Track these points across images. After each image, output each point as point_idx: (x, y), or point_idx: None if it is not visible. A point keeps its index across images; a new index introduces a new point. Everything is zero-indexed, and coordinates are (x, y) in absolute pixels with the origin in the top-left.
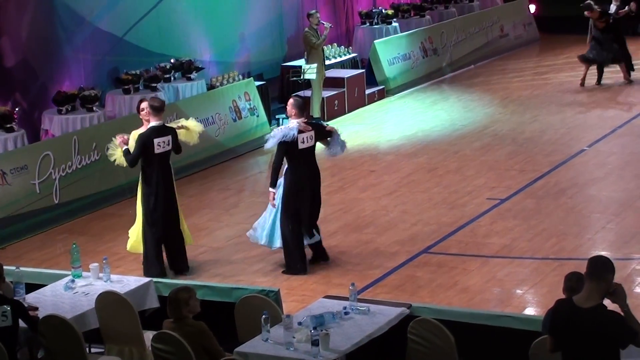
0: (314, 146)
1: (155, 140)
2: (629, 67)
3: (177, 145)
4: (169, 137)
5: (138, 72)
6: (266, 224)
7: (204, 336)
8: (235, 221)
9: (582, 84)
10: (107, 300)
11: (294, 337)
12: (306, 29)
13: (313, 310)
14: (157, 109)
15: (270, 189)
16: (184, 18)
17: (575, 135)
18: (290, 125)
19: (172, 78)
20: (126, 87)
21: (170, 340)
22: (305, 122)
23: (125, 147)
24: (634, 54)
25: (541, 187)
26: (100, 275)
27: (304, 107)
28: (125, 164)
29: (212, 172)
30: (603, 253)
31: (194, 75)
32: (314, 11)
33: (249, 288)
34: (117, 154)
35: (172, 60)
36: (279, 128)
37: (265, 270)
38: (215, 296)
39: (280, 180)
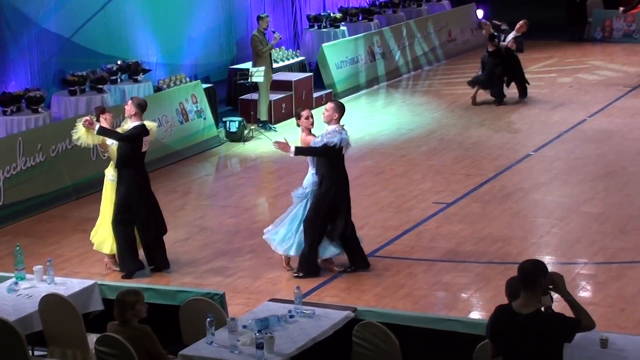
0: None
1: (144, 138)
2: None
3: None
4: (149, 137)
5: (84, 73)
6: (288, 233)
7: (147, 339)
8: (182, 223)
9: (473, 103)
10: (50, 302)
11: (238, 340)
12: (255, 32)
13: (258, 314)
14: (144, 107)
15: (293, 150)
16: (131, 20)
17: (521, 140)
18: (338, 129)
19: (119, 80)
20: (72, 88)
21: (114, 343)
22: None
23: (98, 124)
24: (578, 59)
25: (487, 191)
26: (44, 277)
27: (344, 109)
28: (91, 143)
29: (158, 174)
30: (547, 257)
31: (140, 77)
32: (265, 15)
33: (194, 291)
34: (80, 133)
35: (119, 62)
36: (330, 132)
37: (211, 273)
38: (160, 299)
39: (305, 188)
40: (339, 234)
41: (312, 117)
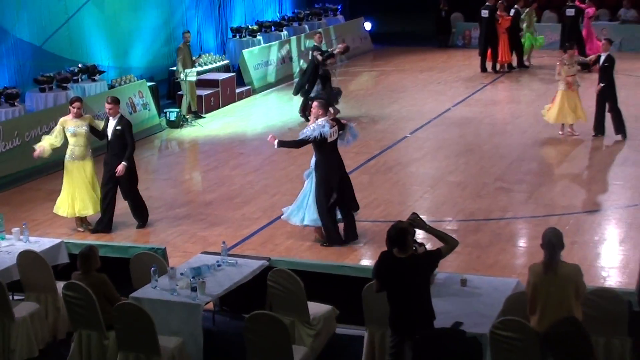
0: (337, 138)
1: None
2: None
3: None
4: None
5: (52, 74)
6: (302, 208)
7: (105, 285)
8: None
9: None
10: (26, 257)
11: (177, 285)
12: (180, 45)
13: (192, 264)
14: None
15: (276, 142)
16: (89, 31)
17: (401, 125)
18: (321, 122)
19: (80, 79)
20: (42, 86)
21: (78, 289)
22: (331, 119)
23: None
24: (444, 61)
25: (373, 165)
26: (21, 237)
27: (328, 107)
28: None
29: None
30: (421, 216)
31: (97, 77)
32: (187, 31)
33: (141, 246)
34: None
35: (79, 65)
36: (313, 127)
37: (155, 232)
38: (114, 253)
39: (309, 171)
40: (336, 207)
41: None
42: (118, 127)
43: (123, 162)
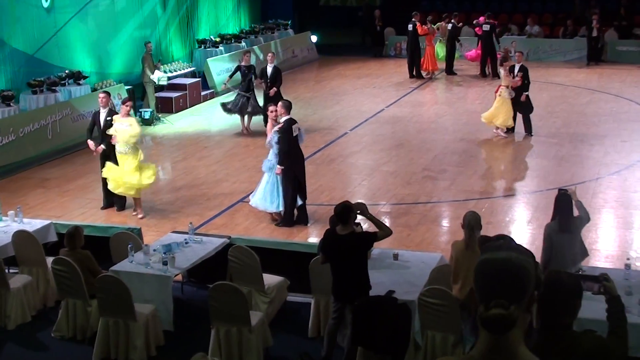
0: (298, 134)
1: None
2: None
3: None
4: None
5: (43, 79)
6: (268, 195)
7: (88, 260)
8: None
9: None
10: (20, 236)
11: (150, 260)
12: (144, 55)
13: (164, 241)
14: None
15: (279, 167)
16: (75, 42)
17: (342, 123)
18: (285, 119)
19: (67, 83)
20: (34, 89)
21: (65, 263)
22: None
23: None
24: (379, 69)
25: (318, 157)
26: (15, 219)
27: (290, 107)
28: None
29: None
30: (360, 200)
31: (82, 81)
32: (149, 42)
33: (120, 227)
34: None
35: (66, 71)
36: (278, 128)
37: (132, 215)
38: (97, 232)
39: (270, 164)
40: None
41: (275, 112)
42: (109, 119)
43: (102, 145)
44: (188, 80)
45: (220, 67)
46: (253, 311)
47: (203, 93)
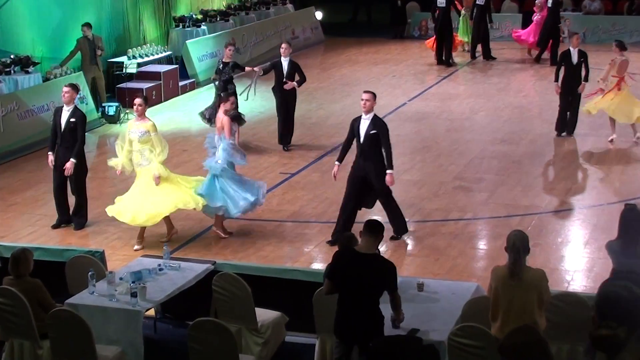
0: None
1: None
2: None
3: None
4: None
5: None
6: (239, 194)
7: (39, 291)
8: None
9: None
10: None
11: (116, 290)
12: (80, 39)
13: (132, 267)
14: None
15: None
16: (22, 20)
17: None
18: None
19: (12, 71)
20: None
21: (9, 295)
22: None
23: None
24: (399, 53)
25: (325, 163)
26: None
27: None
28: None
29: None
30: (375, 217)
31: (31, 69)
32: (85, 24)
33: (78, 249)
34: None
35: (12, 56)
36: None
37: (93, 234)
38: (49, 256)
39: (219, 166)
40: None
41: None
42: (72, 120)
43: (72, 159)
44: (163, 68)
45: (202, 51)
46: (243, 354)
47: (181, 83)
